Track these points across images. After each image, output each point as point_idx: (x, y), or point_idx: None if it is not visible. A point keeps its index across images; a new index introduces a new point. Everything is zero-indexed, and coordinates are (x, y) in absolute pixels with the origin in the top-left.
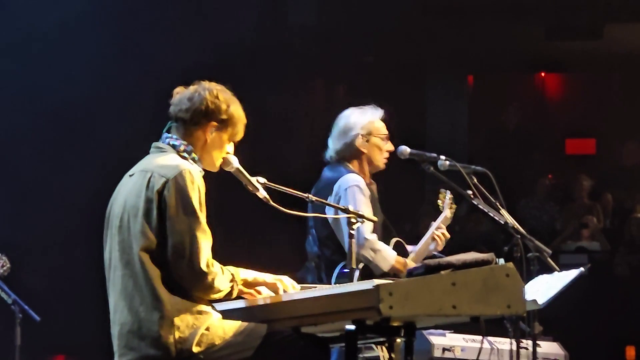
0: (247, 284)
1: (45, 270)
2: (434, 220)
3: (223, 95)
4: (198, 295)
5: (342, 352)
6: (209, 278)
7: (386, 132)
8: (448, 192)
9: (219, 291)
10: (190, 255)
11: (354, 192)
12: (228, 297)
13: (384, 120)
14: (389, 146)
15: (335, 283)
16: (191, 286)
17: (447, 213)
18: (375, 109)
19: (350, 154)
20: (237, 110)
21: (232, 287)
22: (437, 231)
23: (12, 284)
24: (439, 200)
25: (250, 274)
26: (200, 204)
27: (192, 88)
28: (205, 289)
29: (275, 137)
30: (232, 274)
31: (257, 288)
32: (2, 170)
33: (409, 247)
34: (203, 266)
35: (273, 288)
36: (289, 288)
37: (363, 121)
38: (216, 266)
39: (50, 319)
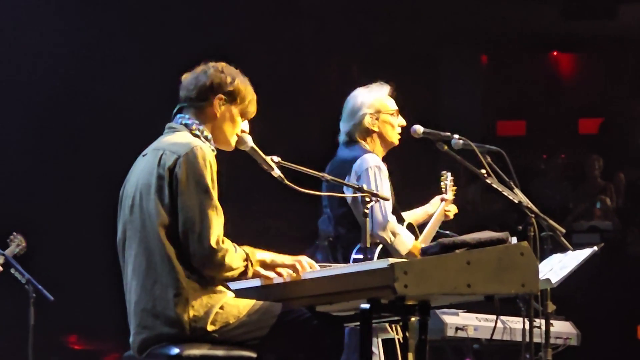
0: (264, 265)
1: (59, 250)
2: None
3: (228, 70)
4: (210, 274)
5: (351, 331)
6: (219, 255)
7: (395, 107)
8: (449, 174)
9: (231, 269)
10: (200, 232)
11: (375, 172)
12: (243, 278)
13: (392, 95)
14: (401, 121)
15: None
16: (201, 264)
17: (449, 196)
18: (382, 86)
19: (361, 134)
20: (243, 84)
21: (246, 267)
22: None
23: (26, 263)
24: (442, 183)
25: (268, 256)
26: (212, 180)
27: (198, 69)
28: (216, 266)
29: (289, 116)
30: (247, 254)
31: (277, 270)
32: (17, 150)
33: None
34: (213, 243)
35: (292, 269)
36: (308, 269)
37: (370, 100)
38: (227, 243)
39: (63, 299)
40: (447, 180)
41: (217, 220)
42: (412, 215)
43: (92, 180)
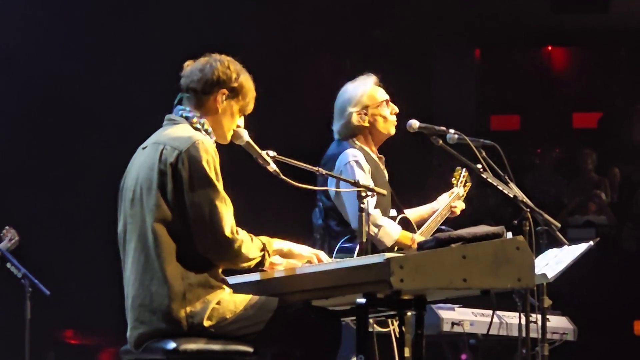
0: (282, 254)
1: (55, 244)
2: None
3: (234, 66)
4: (227, 266)
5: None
6: (235, 245)
7: (384, 96)
8: (464, 169)
9: (248, 259)
10: (212, 225)
11: (353, 167)
12: (260, 268)
13: (379, 84)
14: (393, 108)
15: (336, 256)
16: (218, 256)
17: (460, 191)
18: (367, 77)
19: (350, 132)
20: (247, 81)
21: (262, 257)
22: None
23: (23, 258)
24: (453, 178)
25: (286, 245)
26: (216, 173)
27: (202, 60)
28: (233, 257)
29: (284, 110)
30: (264, 244)
31: (292, 261)
32: (14, 144)
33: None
34: (227, 233)
35: (310, 262)
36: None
37: (355, 96)
38: (242, 234)
39: (60, 293)
40: (461, 176)
41: (227, 211)
42: (418, 212)
43: (89, 173)
